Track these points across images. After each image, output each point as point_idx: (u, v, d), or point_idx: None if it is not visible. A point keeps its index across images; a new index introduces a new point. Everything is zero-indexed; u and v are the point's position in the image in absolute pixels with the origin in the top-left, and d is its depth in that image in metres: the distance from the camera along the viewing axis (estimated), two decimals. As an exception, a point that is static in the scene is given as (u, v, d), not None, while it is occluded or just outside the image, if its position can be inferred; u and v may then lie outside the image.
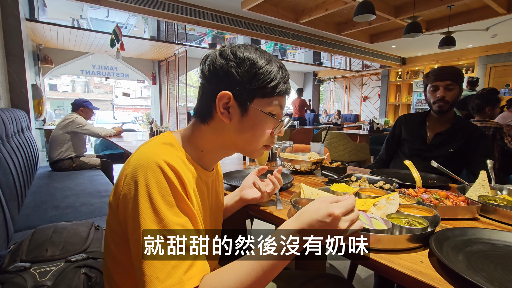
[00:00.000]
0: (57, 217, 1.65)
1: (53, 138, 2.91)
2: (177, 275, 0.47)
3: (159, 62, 8.15)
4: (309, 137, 5.32)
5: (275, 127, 0.64)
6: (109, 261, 0.61)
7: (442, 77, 1.45)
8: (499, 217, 0.78)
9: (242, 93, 0.59)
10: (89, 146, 7.15)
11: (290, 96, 0.68)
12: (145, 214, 0.49)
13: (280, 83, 0.61)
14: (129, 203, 0.51)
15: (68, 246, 0.91)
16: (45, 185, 2.32)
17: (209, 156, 0.67)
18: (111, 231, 0.59)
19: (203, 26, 4.83)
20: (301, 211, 0.52)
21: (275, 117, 0.64)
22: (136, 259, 0.49)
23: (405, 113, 1.74)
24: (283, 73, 0.63)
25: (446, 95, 1.44)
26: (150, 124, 3.58)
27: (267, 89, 0.60)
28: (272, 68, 0.60)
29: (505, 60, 6.75)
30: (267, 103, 0.61)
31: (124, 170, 0.55)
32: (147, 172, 0.51)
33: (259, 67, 0.59)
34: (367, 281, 1.79)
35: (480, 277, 0.51)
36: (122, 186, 0.53)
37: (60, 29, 5.14)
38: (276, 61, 0.62)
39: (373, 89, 10.79)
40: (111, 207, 0.58)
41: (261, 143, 0.65)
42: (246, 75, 0.59)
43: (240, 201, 0.86)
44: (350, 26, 5.55)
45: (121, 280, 0.60)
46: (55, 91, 19.81)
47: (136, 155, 0.56)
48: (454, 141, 1.46)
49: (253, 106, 0.60)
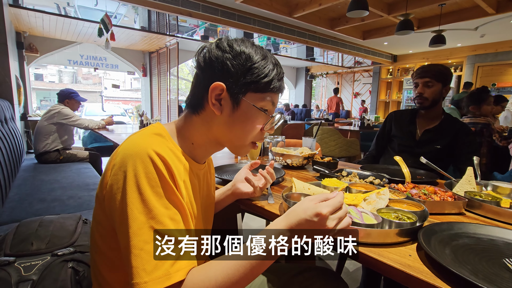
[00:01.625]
0: (43, 211, 1.61)
1: (38, 129, 2.82)
2: (164, 268, 0.46)
3: (150, 54, 7.98)
4: (301, 132, 5.34)
5: (266, 123, 0.64)
6: (95, 254, 0.60)
7: (421, 75, 1.51)
8: (484, 212, 0.81)
9: (235, 86, 0.59)
10: (77, 139, 6.99)
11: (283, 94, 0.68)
12: (133, 205, 0.48)
13: (274, 79, 0.61)
14: (117, 194, 0.50)
15: (55, 240, 0.89)
16: (31, 177, 2.26)
17: (199, 149, 0.66)
18: (97, 224, 0.58)
19: (196, 18, 4.74)
20: (290, 210, 0.52)
21: (267, 113, 0.63)
22: (124, 251, 0.48)
23: (395, 110, 1.76)
24: (278, 70, 0.62)
25: (424, 91, 1.49)
26: (141, 117, 3.52)
27: (260, 84, 0.60)
28: (267, 63, 0.60)
29: (492, 59, 6.92)
30: (259, 98, 0.61)
31: (112, 160, 0.54)
32: (136, 161, 0.50)
33: (255, 61, 0.59)
34: (355, 273, 1.83)
35: (465, 269, 0.52)
36: (109, 176, 0.52)
37: (46, 16, 4.95)
38: (271, 58, 0.62)
39: (364, 86, 10.90)
40: (98, 198, 0.56)
41: (250, 138, 0.64)
42: (240, 68, 0.58)
43: (232, 195, 0.86)
44: (343, 22, 5.56)
45: (107, 273, 0.59)
46: (41, 81, 19.20)
47: (125, 144, 0.54)
48: (441, 138, 1.50)
49: (245, 100, 0.60)
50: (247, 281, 0.49)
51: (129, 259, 0.47)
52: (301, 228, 0.50)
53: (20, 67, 5.42)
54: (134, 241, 0.47)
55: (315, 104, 12.23)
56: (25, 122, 4.63)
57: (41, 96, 18.30)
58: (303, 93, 11.95)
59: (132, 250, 0.47)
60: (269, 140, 1.55)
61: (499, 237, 0.65)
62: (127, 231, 0.48)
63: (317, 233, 0.50)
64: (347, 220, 0.52)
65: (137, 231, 0.47)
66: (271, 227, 0.52)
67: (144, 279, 0.45)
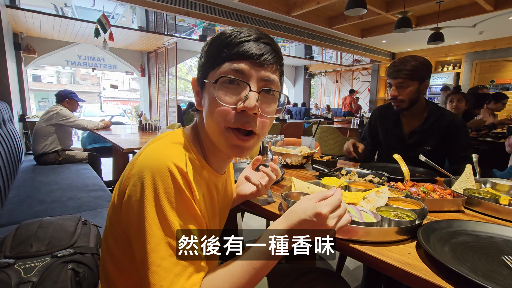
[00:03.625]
0: (43, 212, 1.60)
1: (36, 130, 2.81)
2: (179, 283, 0.47)
3: (148, 54, 7.96)
4: (300, 131, 5.35)
5: (225, 96, 0.53)
6: (106, 255, 0.60)
7: (393, 75, 1.36)
8: (483, 209, 0.81)
9: (200, 73, 0.58)
10: (76, 139, 6.97)
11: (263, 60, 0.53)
12: (151, 220, 0.48)
13: (229, 44, 0.53)
14: (135, 206, 0.49)
15: (54, 241, 0.89)
16: (30, 179, 2.25)
17: (210, 155, 0.62)
18: (111, 227, 0.58)
19: (193, 17, 4.73)
20: (289, 211, 0.52)
21: (228, 84, 0.53)
22: (141, 266, 0.48)
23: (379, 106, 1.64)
24: (239, 33, 0.53)
25: (399, 93, 1.35)
26: (139, 117, 3.52)
27: (215, 57, 0.54)
28: (221, 33, 0.55)
29: (490, 56, 6.92)
30: (218, 74, 0.53)
31: (131, 169, 0.52)
32: (156, 175, 0.49)
33: (210, 40, 0.57)
34: (355, 272, 1.83)
35: (464, 267, 0.52)
36: (127, 185, 0.51)
37: (43, 17, 4.93)
38: (235, 29, 0.55)
39: (363, 84, 10.90)
40: (114, 205, 0.56)
41: (219, 122, 0.54)
42: (203, 55, 0.58)
43: (237, 197, 0.84)
44: (342, 20, 5.56)
45: (117, 276, 0.59)
46: (39, 82, 19.12)
47: (146, 154, 0.52)
48: (430, 139, 1.40)
49: (207, 82, 0.56)
50: (252, 284, 0.50)
51: (146, 276, 0.47)
52: (302, 228, 0.50)
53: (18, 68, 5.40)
54: (152, 257, 0.47)
55: (314, 103, 12.22)
56: (24, 123, 4.61)
57: (39, 97, 18.23)
58: (302, 92, 11.95)
59: (150, 267, 0.47)
60: (268, 139, 1.55)
61: (498, 234, 0.65)
62: (145, 247, 0.47)
63: (318, 233, 0.50)
64: (346, 218, 0.52)
65: (155, 247, 0.47)
66: (271, 228, 0.51)
67: None
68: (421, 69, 1.33)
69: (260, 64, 0.53)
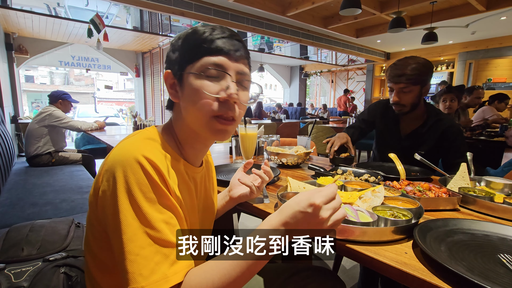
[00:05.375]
0: (35, 215, 1.58)
1: (29, 132, 2.77)
2: (161, 271, 0.46)
3: (143, 54, 7.91)
4: (296, 131, 5.36)
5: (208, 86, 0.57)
6: (88, 257, 0.60)
7: (394, 80, 1.31)
8: (478, 207, 0.81)
9: (176, 66, 0.59)
10: (70, 141, 6.89)
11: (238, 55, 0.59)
12: (126, 211, 0.48)
13: (205, 40, 0.57)
14: (109, 200, 0.50)
15: (46, 245, 0.87)
16: (22, 181, 2.21)
17: (187, 146, 0.64)
18: (91, 226, 0.58)
19: (188, 17, 4.70)
20: (283, 205, 0.51)
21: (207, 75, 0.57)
22: (119, 257, 0.47)
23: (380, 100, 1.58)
24: (215, 31, 0.58)
25: (401, 99, 1.32)
26: (134, 118, 3.48)
27: (192, 51, 0.57)
28: (198, 30, 0.58)
29: (483, 56, 7.01)
30: (197, 68, 0.57)
31: (104, 165, 0.53)
32: (126, 168, 0.50)
33: (185, 35, 0.59)
34: (352, 271, 1.83)
35: (461, 266, 0.52)
36: (101, 182, 0.52)
37: (36, 17, 4.87)
38: (212, 26, 0.59)
39: (358, 84, 10.96)
40: (91, 203, 0.56)
41: (206, 112, 0.57)
42: (176, 48, 0.60)
43: (230, 200, 0.84)
44: (337, 20, 5.58)
45: (100, 276, 0.58)
46: (31, 83, 18.89)
47: (116, 150, 0.54)
48: (425, 143, 1.38)
49: (185, 74, 0.58)
50: (244, 280, 0.48)
51: (124, 265, 0.46)
52: (296, 221, 0.48)
53: (10, 69, 5.32)
54: (129, 247, 0.46)
55: (309, 103, 12.26)
56: (16, 124, 4.55)
57: (32, 98, 17.98)
58: (297, 92, 11.98)
59: (128, 256, 0.46)
60: (264, 139, 1.54)
61: (493, 233, 0.66)
62: (121, 237, 0.47)
63: (312, 224, 0.49)
64: (342, 212, 0.51)
65: (132, 237, 0.47)
66: (265, 223, 0.51)
67: (141, 284, 0.45)
68: (423, 72, 1.29)
69: (236, 58, 0.59)
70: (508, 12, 4.76)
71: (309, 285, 0.77)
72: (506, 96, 3.55)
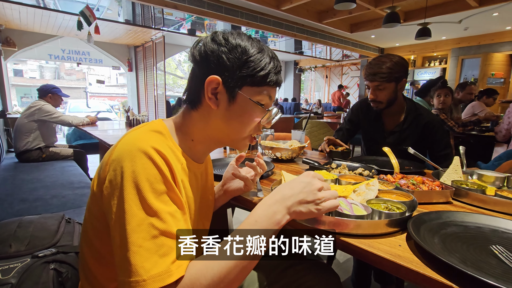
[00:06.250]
0: (25, 211, 1.55)
1: (17, 127, 2.70)
2: (165, 264, 0.45)
3: (135, 48, 7.77)
4: (290, 125, 5.36)
5: (263, 117, 0.63)
6: (84, 246, 0.59)
7: (370, 78, 1.36)
8: (470, 200, 0.82)
9: (231, 79, 0.58)
10: (61, 136, 6.78)
11: (281, 87, 0.69)
12: (132, 201, 0.47)
13: (270, 73, 0.60)
14: (115, 190, 0.49)
15: (35, 241, 0.85)
16: (11, 177, 2.17)
17: (199, 146, 0.65)
18: (91, 217, 0.57)
19: (181, 11, 4.63)
20: (279, 185, 0.56)
21: (264, 107, 0.62)
22: (120, 248, 0.46)
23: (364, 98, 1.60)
24: (275, 63, 0.62)
25: (377, 96, 1.37)
26: (127, 113, 3.43)
27: (257, 77, 0.59)
28: (263, 57, 0.60)
29: (475, 52, 7.09)
30: (256, 92, 0.61)
31: (110, 155, 0.52)
32: (135, 158, 0.49)
33: (250, 54, 0.58)
34: (346, 264, 1.85)
35: (454, 258, 0.52)
36: (107, 171, 0.51)
37: (23, 8, 4.73)
38: (268, 51, 0.62)
39: (353, 79, 11.00)
40: (94, 193, 0.55)
41: (247, 132, 0.64)
42: (236, 61, 0.58)
43: (224, 195, 0.83)
44: (331, 15, 5.56)
45: (96, 266, 0.58)
46: (20, 77, 18.44)
47: (124, 140, 0.53)
48: (408, 139, 1.41)
49: (241, 93, 0.59)
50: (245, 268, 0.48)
51: (126, 256, 0.45)
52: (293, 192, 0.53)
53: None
54: (133, 238, 0.45)
55: (304, 98, 12.27)
56: (5, 119, 4.44)
57: (21, 93, 17.58)
58: (292, 87, 11.96)
59: (131, 247, 0.45)
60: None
61: (485, 224, 0.66)
62: (124, 228, 0.46)
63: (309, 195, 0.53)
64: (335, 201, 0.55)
65: (136, 227, 0.46)
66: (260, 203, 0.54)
67: (143, 277, 0.44)
68: (396, 70, 1.32)
69: (277, 90, 0.66)
70: (500, 8, 4.81)
71: (303, 278, 0.77)
72: (494, 92, 3.58)
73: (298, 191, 0.53)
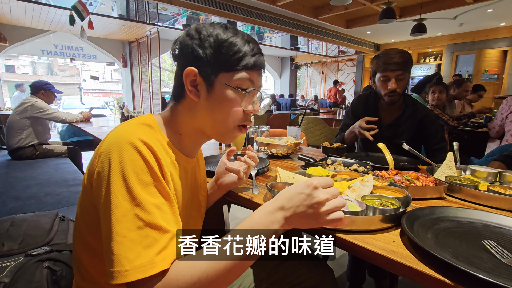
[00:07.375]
0: (18, 209, 1.53)
1: (10, 124, 2.66)
2: (149, 256, 0.45)
3: (130, 43, 7.68)
4: (286, 122, 5.36)
5: (242, 102, 0.61)
6: (78, 243, 0.59)
7: (392, 67, 1.30)
8: (464, 195, 0.83)
9: (207, 68, 0.58)
10: (55, 133, 6.69)
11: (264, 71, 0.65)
12: (117, 192, 0.47)
13: (246, 55, 0.59)
14: (103, 181, 0.49)
15: (29, 240, 0.84)
16: (4, 174, 2.14)
17: (187, 140, 0.65)
18: (82, 212, 0.57)
19: (176, 5, 4.57)
20: (280, 192, 0.51)
21: (245, 92, 0.60)
22: (106, 238, 0.46)
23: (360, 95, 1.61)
24: (251, 46, 0.60)
25: (398, 86, 1.32)
26: (122, 109, 3.39)
27: (231, 62, 0.58)
28: (237, 40, 0.59)
29: (469, 48, 7.13)
30: (233, 77, 0.59)
31: (99, 148, 0.53)
32: (122, 150, 0.49)
33: (222, 40, 0.58)
34: (341, 259, 1.87)
35: (447, 253, 0.53)
36: (96, 164, 0.51)
37: (14, 3, 4.63)
38: (244, 35, 0.61)
39: (348, 75, 11.01)
40: (85, 187, 0.55)
41: (233, 121, 0.62)
42: (209, 49, 0.58)
43: (218, 190, 0.83)
44: (327, 10, 5.54)
45: (88, 261, 0.58)
46: (12, 73, 18.12)
47: (112, 133, 0.54)
48: (405, 132, 1.41)
49: (218, 80, 0.59)
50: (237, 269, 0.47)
51: (110, 246, 0.45)
52: (292, 204, 0.48)
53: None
54: (117, 228, 0.45)
55: (300, 94, 12.26)
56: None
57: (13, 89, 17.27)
58: (288, 83, 11.94)
59: (115, 237, 0.45)
60: (254, 130, 1.53)
61: (478, 220, 0.67)
62: (110, 218, 0.46)
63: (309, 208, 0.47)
64: (341, 200, 0.49)
65: (121, 218, 0.46)
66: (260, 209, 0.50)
67: (126, 267, 0.43)
68: (411, 61, 1.34)
69: (261, 74, 0.64)
70: (495, 4, 4.83)
71: (298, 272, 0.78)
72: (481, 87, 3.55)
73: (298, 203, 0.48)
